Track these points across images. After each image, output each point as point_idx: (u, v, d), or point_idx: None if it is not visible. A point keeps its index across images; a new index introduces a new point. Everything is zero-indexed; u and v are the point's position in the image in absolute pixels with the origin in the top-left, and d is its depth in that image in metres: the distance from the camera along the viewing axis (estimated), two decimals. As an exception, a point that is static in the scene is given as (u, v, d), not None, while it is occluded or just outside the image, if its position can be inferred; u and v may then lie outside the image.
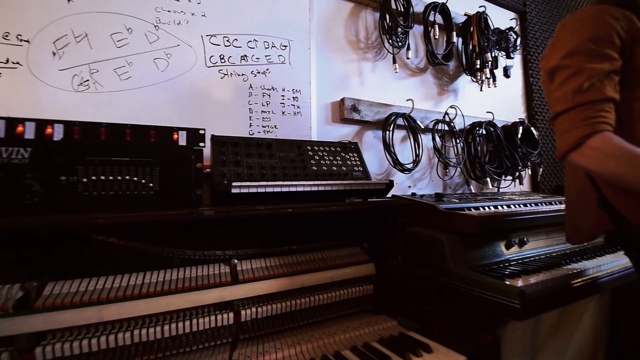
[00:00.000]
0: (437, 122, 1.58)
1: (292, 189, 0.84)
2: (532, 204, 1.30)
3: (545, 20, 2.20)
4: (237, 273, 0.82)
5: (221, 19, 1.19)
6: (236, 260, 0.83)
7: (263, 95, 1.25)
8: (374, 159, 1.49)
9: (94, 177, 0.67)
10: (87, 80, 0.99)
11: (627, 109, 0.75)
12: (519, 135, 1.74)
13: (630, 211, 0.75)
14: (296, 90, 1.31)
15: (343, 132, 1.43)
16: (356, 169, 1.08)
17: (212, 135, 0.94)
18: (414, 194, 1.34)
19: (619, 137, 0.69)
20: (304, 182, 0.86)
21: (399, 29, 1.50)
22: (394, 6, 1.52)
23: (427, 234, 1.07)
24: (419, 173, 1.60)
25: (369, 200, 0.97)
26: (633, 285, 1.04)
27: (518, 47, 1.90)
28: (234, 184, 0.75)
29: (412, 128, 1.47)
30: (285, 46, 1.31)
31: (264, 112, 1.24)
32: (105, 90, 1.01)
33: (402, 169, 1.42)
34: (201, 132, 0.75)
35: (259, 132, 1.23)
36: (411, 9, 1.52)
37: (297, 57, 1.33)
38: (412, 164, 1.46)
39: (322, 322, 0.90)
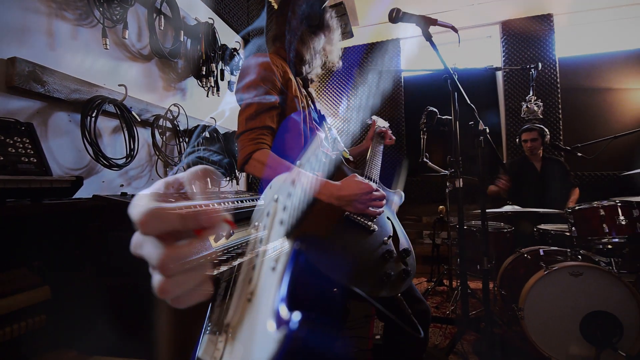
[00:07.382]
0: (159, 117, 1.50)
1: None
2: (239, 201, 1.54)
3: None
4: None
5: None
6: None
7: None
8: (70, 150, 1.17)
9: None
10: None
11: (280, 134, 1.05)
12: (237, 143, 2.02)
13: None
14: None
15: (13, 107, 1.00)
16: (26, 159, 0.79)
17: None
18: (124, 194, 1.18)
19: (272, 152, 0.94)
20: None
21: (114, 1, 1.27)
22: (108, -30, 1.27)
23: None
24: (135, 171, 1.44)
25: (44, 202, 0.73)
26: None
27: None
28: None
29: (127, 119, 1.29)
30: None
31: None
32: None
33: (109, 164, 1.21)
34: None
35: None
36: (132, -15, 1.35)
37: None
38: (125, 160, 1.28)
39: None
